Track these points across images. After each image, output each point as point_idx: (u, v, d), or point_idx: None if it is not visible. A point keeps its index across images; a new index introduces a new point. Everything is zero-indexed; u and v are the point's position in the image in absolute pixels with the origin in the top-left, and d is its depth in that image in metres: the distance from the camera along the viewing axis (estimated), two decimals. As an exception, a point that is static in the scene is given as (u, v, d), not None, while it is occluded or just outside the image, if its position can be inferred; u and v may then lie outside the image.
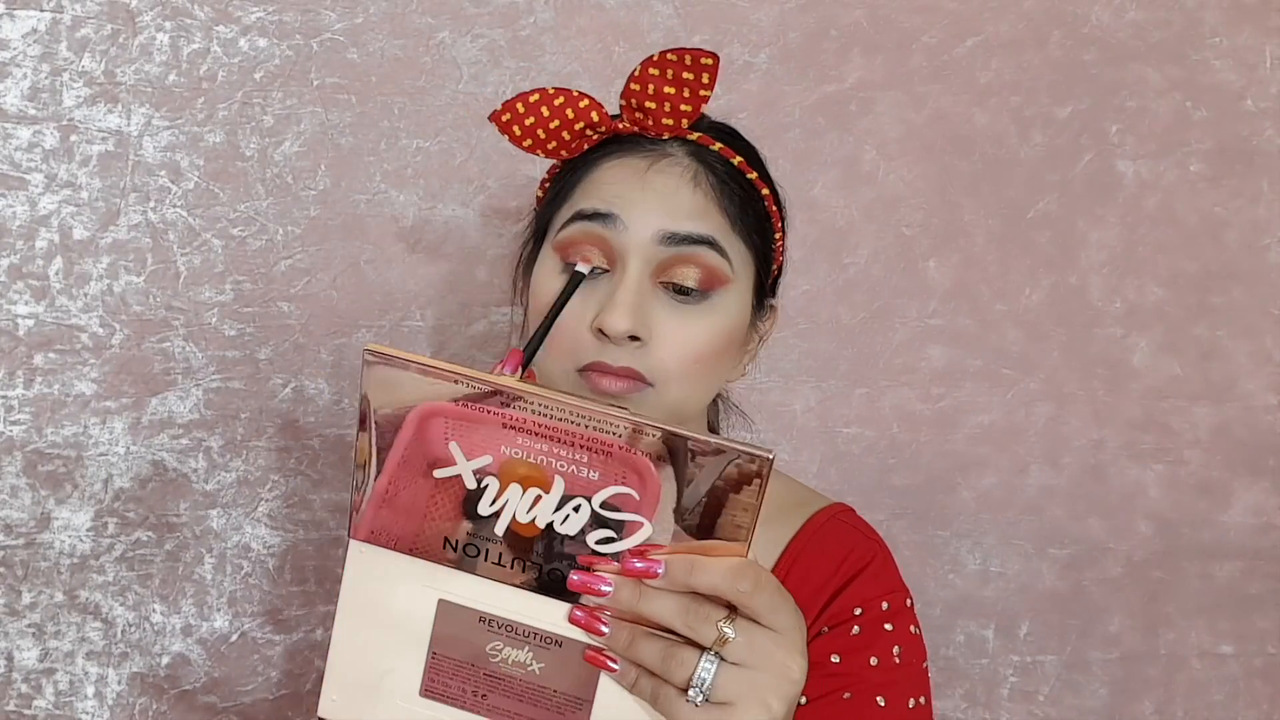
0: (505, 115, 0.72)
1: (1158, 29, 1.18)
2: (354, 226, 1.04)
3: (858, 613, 0.73)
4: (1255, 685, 1.26)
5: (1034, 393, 1.19)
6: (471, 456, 0.54)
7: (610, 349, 0.67)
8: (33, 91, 0.97)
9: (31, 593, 1.01)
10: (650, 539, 0.53)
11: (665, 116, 0.69)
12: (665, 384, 0.69)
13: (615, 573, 0.54)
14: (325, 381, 1.05)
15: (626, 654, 0.54)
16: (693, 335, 0.69)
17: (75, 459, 1.01)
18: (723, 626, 0.52)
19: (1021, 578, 1.20)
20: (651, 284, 0.69)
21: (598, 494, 0.53)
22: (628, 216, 0.68)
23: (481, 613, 0.56)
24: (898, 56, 1.13)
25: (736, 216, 0.71)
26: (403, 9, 1.03)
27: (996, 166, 1.16)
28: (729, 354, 0.73)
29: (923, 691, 0.73)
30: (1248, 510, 1.24)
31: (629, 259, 0.68)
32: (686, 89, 0.68)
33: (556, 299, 0.67)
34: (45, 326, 0.99)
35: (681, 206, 0.69)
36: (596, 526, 0.54)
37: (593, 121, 0.70)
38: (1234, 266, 1.21)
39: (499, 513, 0.54)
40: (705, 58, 0.67)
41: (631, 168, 0.70)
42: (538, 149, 0.72)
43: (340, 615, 0.58)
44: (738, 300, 0.71)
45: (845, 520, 0.78)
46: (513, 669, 0.56)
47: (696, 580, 0.52)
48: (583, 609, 0.55)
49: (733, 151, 0.72)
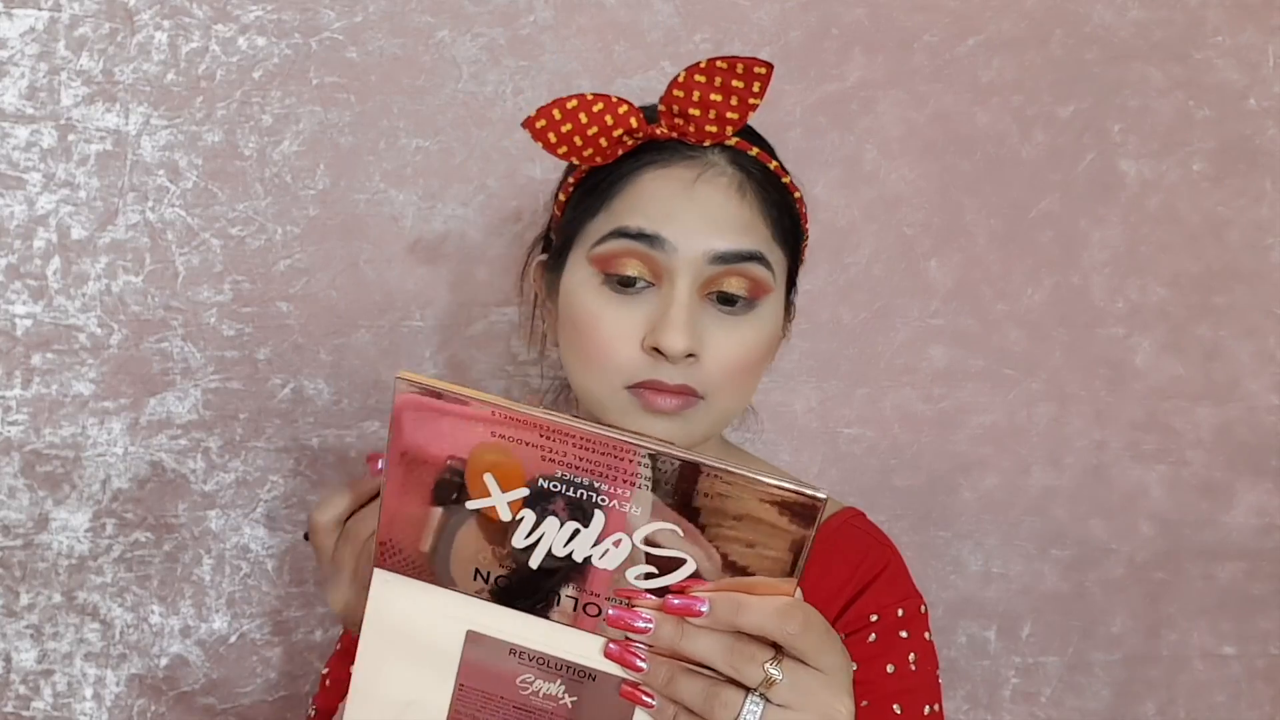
0: (540, 121, 0.69)
1: (1160, 28, 1.17)
2: (353, 226, 1.04)
3: (873, 620, 0.72)
4: (1258, 686, 1.25)
5: (1036, 393, 1.18)
6: (507, 489, 0.52)
7: (665, 367, 0.66)
8: (30, 90, 0.97)
9: (30, 594, 1.00)
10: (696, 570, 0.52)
11: (710, 124, 0.68)
12: (715, 396, 0.68)
13: (655, 608, 0.52)
14: (324, 382, 1.04)
15: (665, 691, 0.53)
16: (741, 346, 0.68)
17: (73, 459, 1.00)
18: (769, 668, 0.51)
19: (1023, 579, 1.20)
20: (700, 297, 0.68)
21: (639, 530, 0.52)
22: (675, 237, 0.67)
23: (512, 644, 0.55)
24: (899, 55, 1.13)
25: (776, 223, 0.70)
26: (402, 8, 1.03)
27: (998, 166, 1.16)
28: (769, 359, 0.73)
29: (936, 698, 0.73)
30: (1250, 511, 1.23)
31: (677, 277, 0.67)
32: (735, 96, 0.67)
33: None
34: (43, 326, 0.99)
35: (729, 222, 0.68)
36: (637, 562, 0.52)
37: (631, 127, 0.68)
38: (1237, 266, 1.21)
39: (534, 545, 0.53)
40: (759, 66, 0.65)
41: (677, 179, 0.68)
42: (573, 155, 0.70)
43: (363, 644, 0.57)
44: (777, 306, 0.71)
45: (858, 526, 0.78)
46: (544, 701, 0.55)
47: (743, 620, 0.51)
48: (619, 643, 0.53)
49: (769, 156, 0.71)
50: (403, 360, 1.06)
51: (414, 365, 1.06)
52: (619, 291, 0.68)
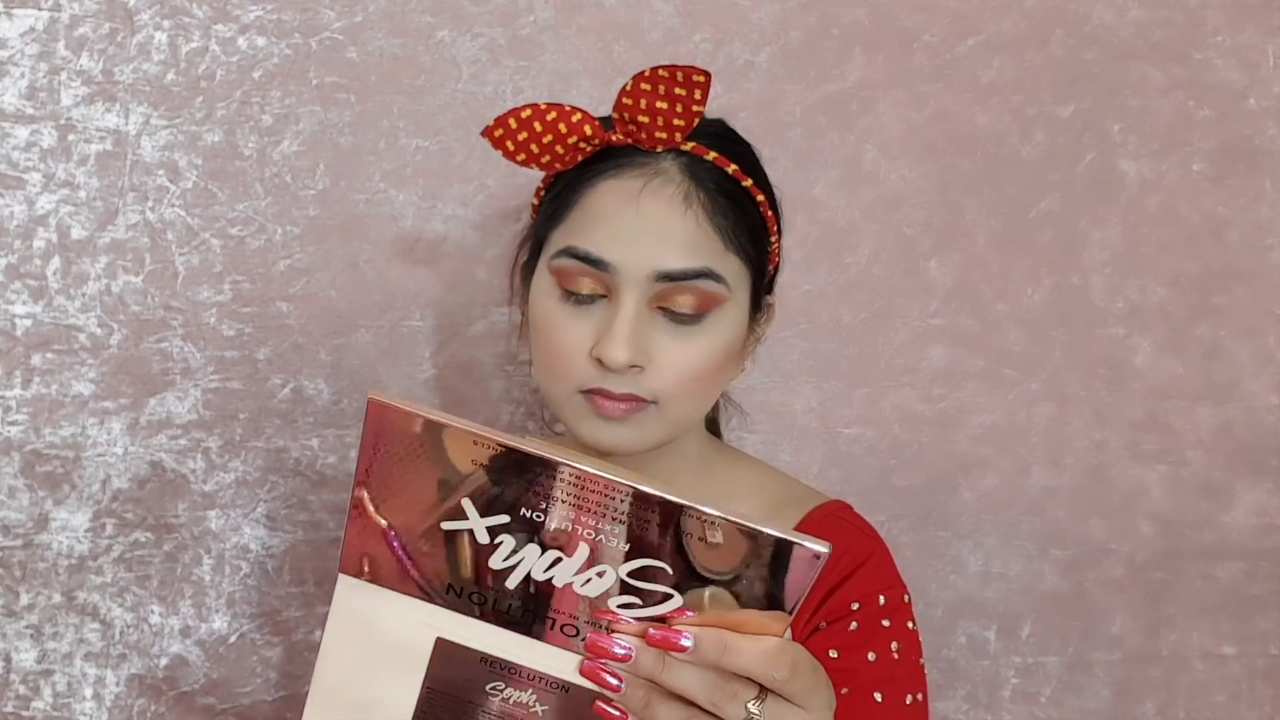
0: (498, 131, 0.72)
1: (1160, 28, 1.17)
2: (353, 226, 1.04)
3: (855, 608, 0.72)
4: (1258, 686, 1.25)
5: (1036, 393, 1.18)
6: (486, 515, 0.51)
7: (611, 377, 0.69)
8: (30, 90, 0.97)
9: (29, 594, 1.00)
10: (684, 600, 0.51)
11: (659, 130, 0.69)
12: (666, 403, 0.70)
13: (637, 634, 0.51)
14: (324, 382, 1.04)
15: (642, 716, 0.52)
16: (691, 356, 0.70)
17: (73, 459, 1.00)
18: (751, 707, 0.50)
19: (1023, 579, 1.20)
20: (649, 309, 0.69)
21: (625, 565, 0.51)
22: (620, 259, 0.68)
23: (484, 654, 0.54)
24: (899, 55, 1.13)
25: (730, 233, 0.71)
26: (402, 8, 1.03)
27: (998, 166, 1.16)
28: (728, 366, 0.73)
29: (920, 688, 0.73)
30: (1250, 511, 1.23)
31: (623, 293, 0.69)
32: (679, 104, 0.68)
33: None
34: (43, 326, 0.99)
35: (675, 240, 0.69)
36: (621, 593, 0.51)
37: (585, 135, 0.71)
38: (1237, 266, 1.21)
39: (513, 569, 0.52)
40: (697, 75, 0.67)
41: (625, 192, 0.70)
42: (531, 162, 0.72)
43: (326, 645, 0.56)
44: (734, 315, 0.72)
45: (843, 517, 0.78)
46: (514, 709, 0.54)
47: (729, 661, 0.50)
48: (597, 663, 0.52)
49: (727, 160, 0.72)
50: (403, 360, 1.06)
51: (414, 365, 1.06)
52: (573, 304, 0.70)
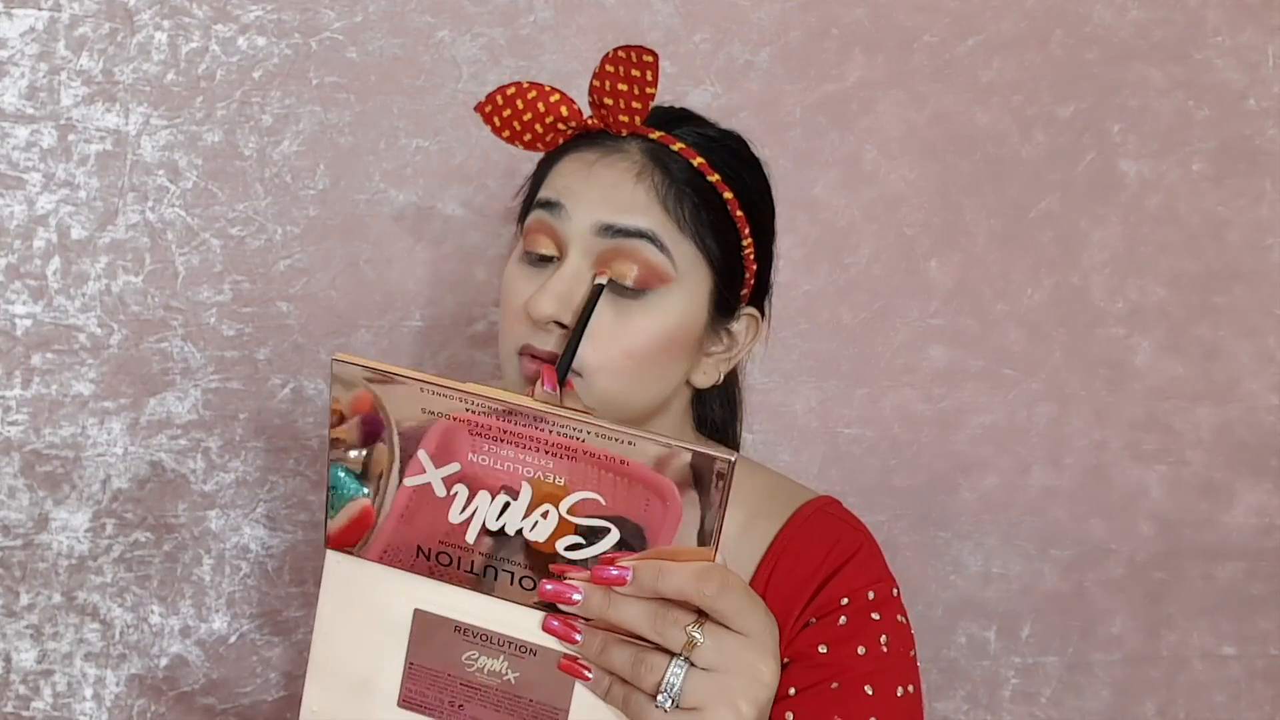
0: (488, 106, 0.75)
1: (1159, 28, 1.17)
2: (353, 226, 1.04)
3: (844, 603, 0.72)
4: (1257, 686, 1.25)
5: (1036, 393, 1.18)
6: (440, 464, 0.54)
7: (539, 334, 0.69)
8: (30, 90, 0.97)
9: (29, 594, 1.00)
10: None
11: (621, 113, 0.71)
12: (593, 375, 0.69)
13: (586, 579, 0.54)
14: (324, 382, 1.04)
15: (598, 661, 0.55)
16: (625, 330, 0.69)
17: (73, 459, 1.00)
18: (691, 631, 0.53)
19: (1023, 579, 1.20)
20: (592, 276, 0.70)
21: (565, 500, 0.53)
22: (572, 206, 0.70)
23: (457, 622, 0.56)
24: (899, 55, 1.13)
25: (685, 218, 0.71)
26: (402, 8, 1.03)
27: (998, 166, 1.16)
28: (671, 354, 0.72)
29: (911, 680, 0.73)
30: (1250, 511, 1.23)
31: (570, 248, 0.70)
32: (636, 86, 0.70)
33: (581, 311, 0.68)
34: (43, 326, 0.99)
35: (621, 200, 0.70)
36: (566, 533, 0.54)
37: (562, 116, 0.73)
38: (1236, 266, 1.21)
39: (469, 520, 0.54)
40: (646, 55, 0.68)
41: (583, 160, 0.72)
42: (515, 140, 0.75)
43: (319, 625, 0.58)
44: (683, 301, 0.71)
45: (831, 512, 0.78)
46: (489, 678, 0.56)
47: (663, 585, 0.52)
48: (557, 617, 0.55)
49: (694, 153, 0.72)
50: (402, 360, 1.06)
51: (414, 365, 1.06)
52: (529, 263, 0.72)
